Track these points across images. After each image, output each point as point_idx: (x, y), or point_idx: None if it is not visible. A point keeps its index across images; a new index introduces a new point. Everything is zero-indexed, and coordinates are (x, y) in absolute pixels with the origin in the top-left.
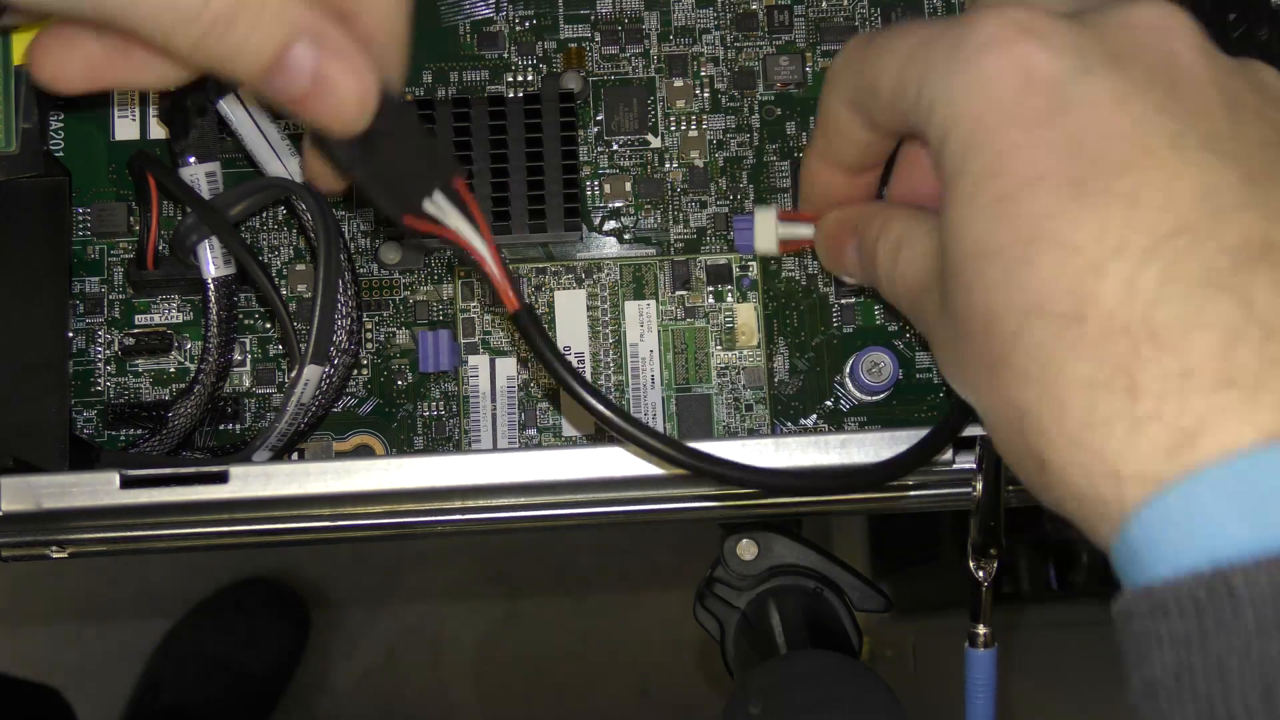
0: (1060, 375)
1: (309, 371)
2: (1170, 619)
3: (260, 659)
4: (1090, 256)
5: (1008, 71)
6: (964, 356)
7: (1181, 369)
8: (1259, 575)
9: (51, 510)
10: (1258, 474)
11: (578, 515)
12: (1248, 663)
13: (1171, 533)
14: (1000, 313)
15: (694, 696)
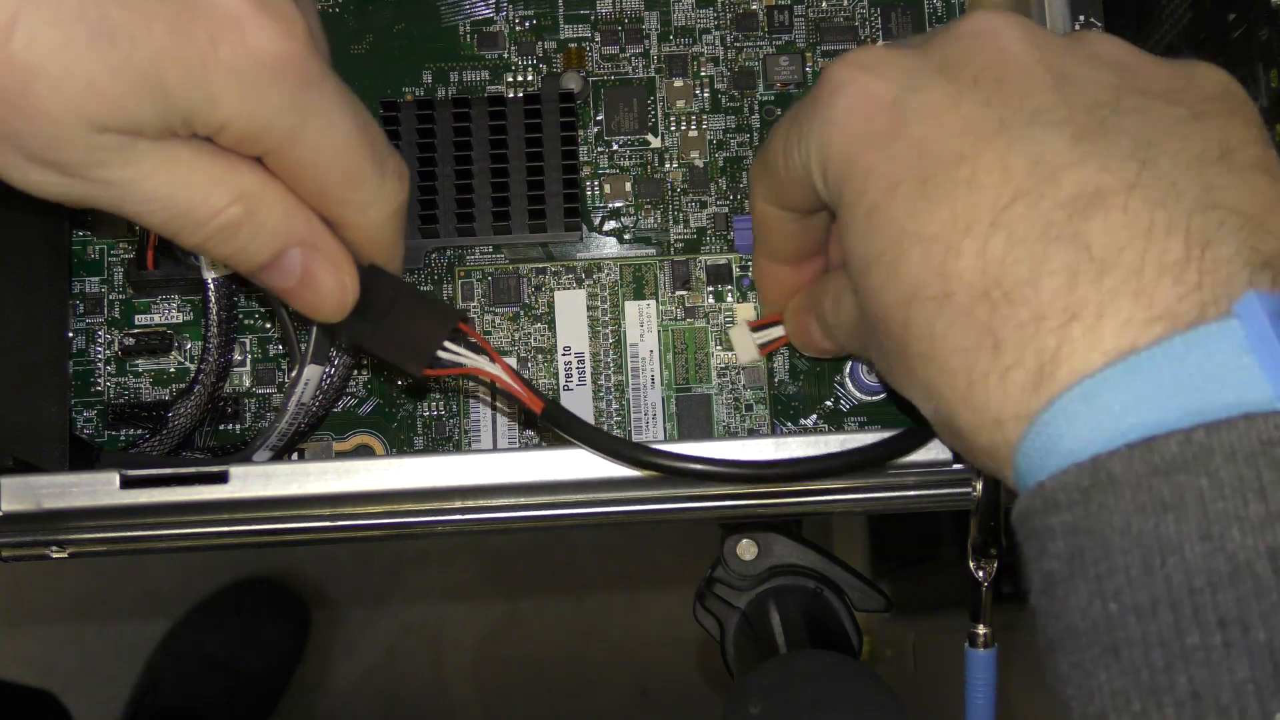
0: (943, 348)
1: (309, 371)
2: (1061, 511)
3: (260, 659)
4: (946, 241)
5: (853, 106)
6: (888, 361)
7: (1033, 316)
8: (1131, 458)
9: (51, 510)
10: (1108, 389)
11: (578, 515)
12: (1128, 538)
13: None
14: (890, 309)
15: (694, 696)
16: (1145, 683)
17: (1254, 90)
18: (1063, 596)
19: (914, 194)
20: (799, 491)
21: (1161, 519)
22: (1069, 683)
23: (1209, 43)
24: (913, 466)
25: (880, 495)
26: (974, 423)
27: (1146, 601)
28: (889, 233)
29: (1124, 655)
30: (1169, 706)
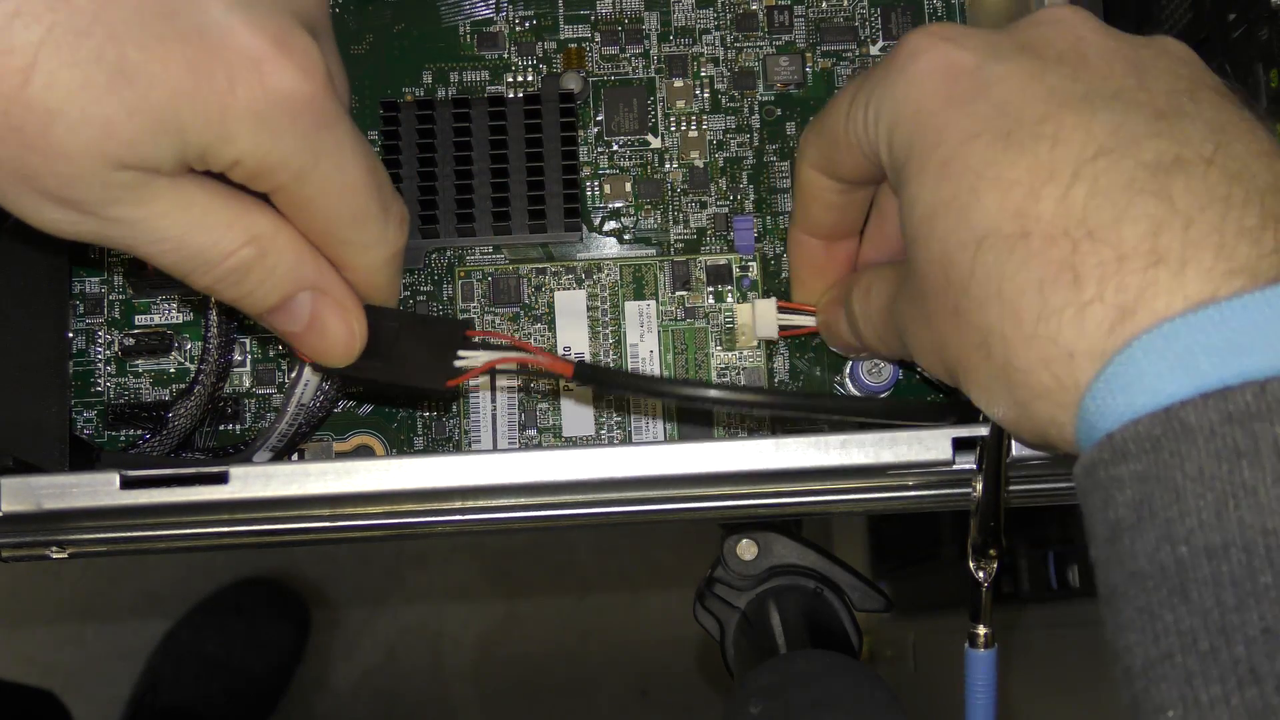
0: (1013, 284)
1: (309, 372)
2: (1130, 460)
3: (260, 659)
4: (1026, 186)
5: (934, 69)
6: (933, 325)
7: (1117, 255)
8: (1206, 407)
9: (51, 510)
10: (1190, 333)
11: (578, 515)
12: (1200, 483)
13: (1122, 394)
14: (955, 252)
15: (694, 696)
16: (1215, 621)
17: (1254, 90)
18: (1129, 543)
19: (995, 144)
20: (799, 491)
21: (1235, 465)
22: (1131, 628)
23: (1209, 43)
24: (913, 466)
25: (880, 495)
26: (1038, 359)
27: (1219, 543)
28: (964, 179)
29: (1193, 596)
30: (1239, 644)
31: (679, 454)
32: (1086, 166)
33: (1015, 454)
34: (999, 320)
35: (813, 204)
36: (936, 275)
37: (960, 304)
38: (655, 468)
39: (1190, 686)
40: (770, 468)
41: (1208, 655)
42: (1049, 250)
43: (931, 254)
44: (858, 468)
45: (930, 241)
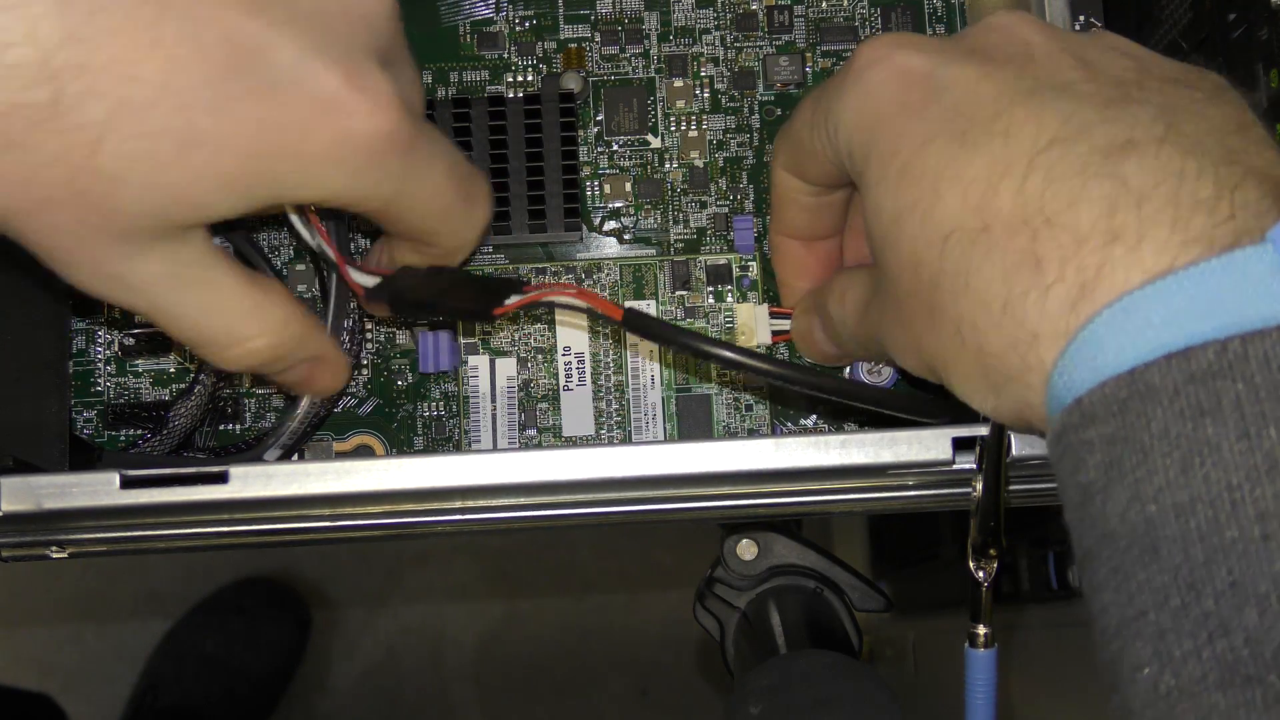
0: (979, 276)
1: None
2: (1098, 423)
3: (260, 659)
4: (984, 182)
5: (888, 78)
6: (910, 325)
7: (1075, 238)
8: (1169, 368)
9: (51, 510)
10: (1149, 303)
11: (578, 515)
12: (1166, 442)
13: (1085, 366)
14: (924, 252)
15: (694, 696)
16: (1185, 577)
17: (1254, 90)
18: (1100, 504)
19: (950, 145)
20: (799, 491)
21: (1199, 422)
22: (1106, 588)
23: (1209, 43)
24: (913, 466)
25: (880, 495)
26: (1007, 343)
27: (1186, 500)
28: (924, 182)
29: (1163, 553)
30: (1208, 598)
31: (679, 454)
32: (1040, 157)
33: (1015, 454)
34: (970, 310)
35: (787, 206)
36: (908, 277)
37: (933, 300)
38: (655, 468)
39: (1163, 642)
40: (770, 468)
41: (1179, 611)
42: (1010, 240)
43: (901, 257)
44: (857, 468)
45: (899, 245)
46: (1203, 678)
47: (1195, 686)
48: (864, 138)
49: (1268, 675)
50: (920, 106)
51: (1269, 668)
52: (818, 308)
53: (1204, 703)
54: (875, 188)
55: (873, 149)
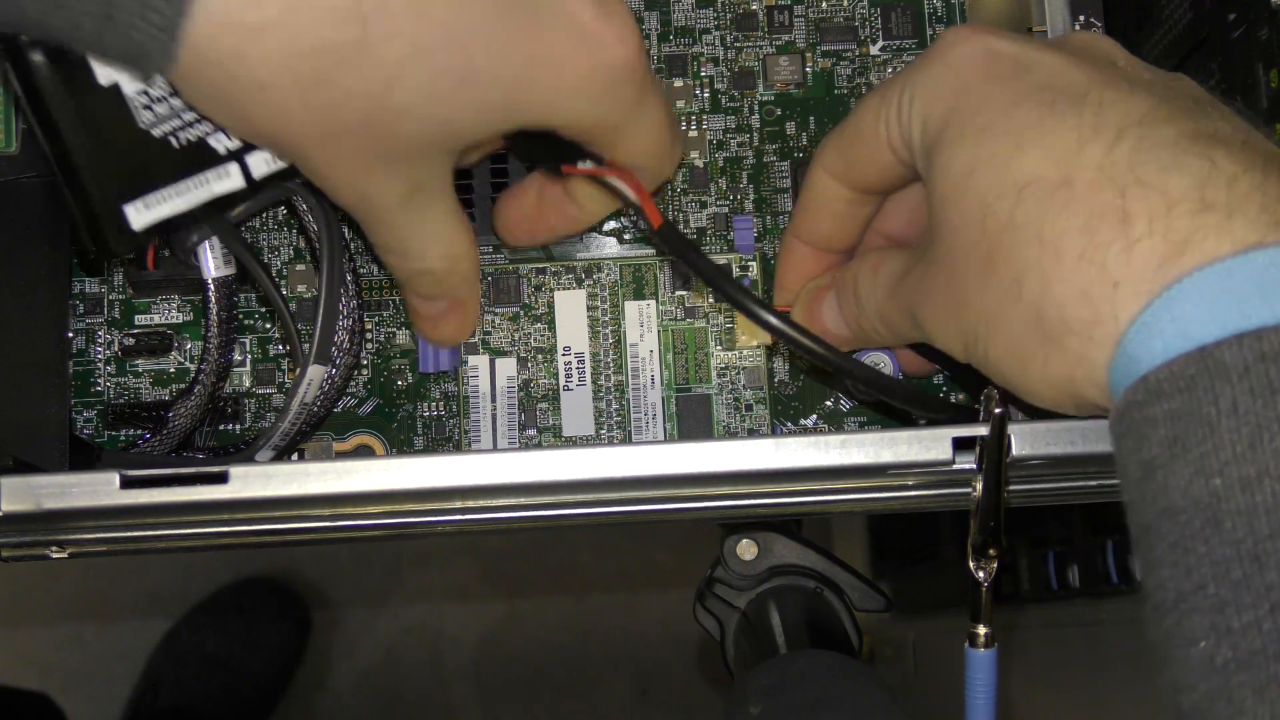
0: (1055, 227)
1: (312, 371)
2: (1165, 399)
3: (260, 659)
4: (1071, 141)
5: (974, 53)
6: (956, 287)
7: (1166, 201)
8: (1241, 346)
9: (51, 510)
10: (1236, 276)
11: (578, 515)
12: (1234, 418)
13: (1163, 332)
14: (995, 203)
15: (694, 696)
16: (1249, 549)
17: (1254, 90)
18: (1162, 479)
19: (1038, 109)
20: (799, 491)
21: (1270, 399)
22: (1164, 564)
23: (1209, 43)
24: (913, 466)
25: (880, 495)
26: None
27: (1253, 474)
28: (1006, 139)
29: (1226, 525)
30: (1272, 570)
31: (679, 454)
32: (1131, 129)
33: (1015, 454)
34: (1038, 259)
35: (818, 211)
36: (971, 230)
37: (993, 252)
38: (655, 468)
39: (1222, 615)
40: (770, 468)
41: (1240, 583)
42: (1095, 195)
43: (967, 210)
44: (857, 467)
45: (966, 198)
46: (1262, 649)
47: (1255, 658)
48: (944, 104)
49: None
50: (1008, 77)
51: None
52: (839, 284)
53: (1263, 673)
54: (951, 145)
55: (953, 112)
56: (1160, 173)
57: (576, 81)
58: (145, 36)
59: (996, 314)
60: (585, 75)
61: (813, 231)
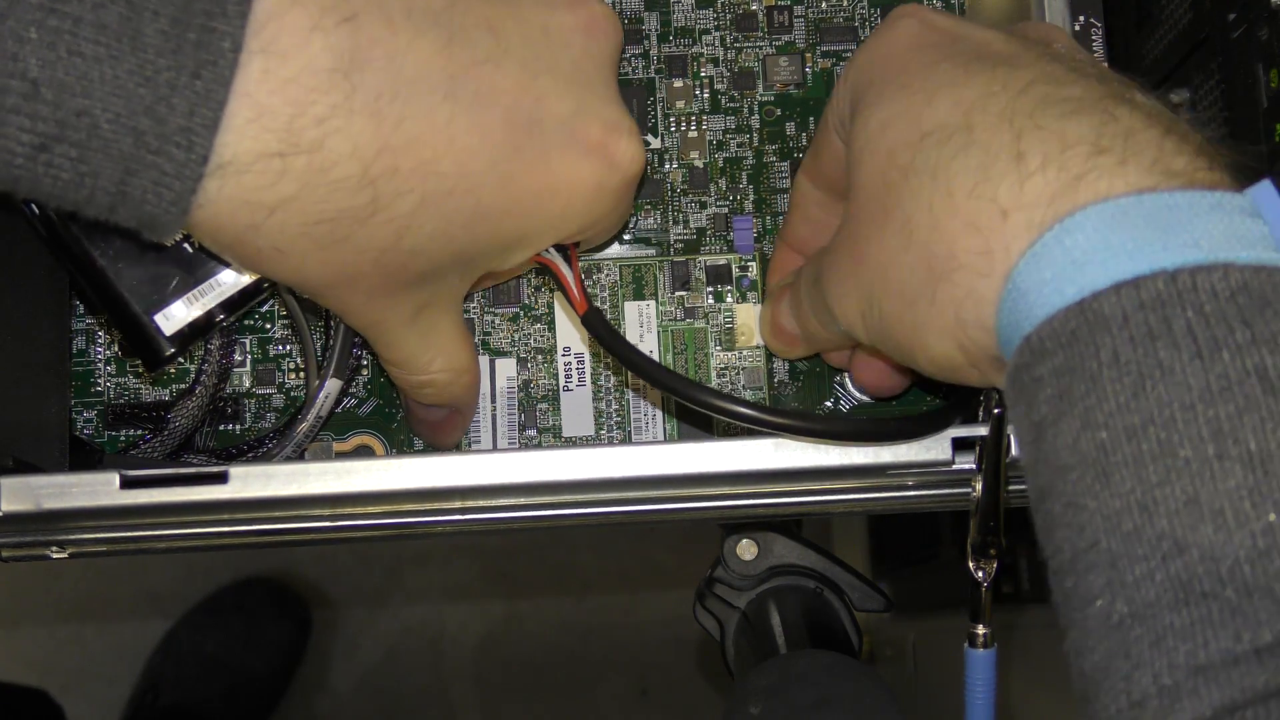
0: (949, 167)
1: (330, 385)
2: (1049, 357)
3: (260, 659)
4: (979, 92)
5: (909, 27)
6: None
7: (1061, 143)
8: (1119, 296)
9: (51, 510)
10: (1130, 214)
11: (578, 515)
12: (1116, 368)
13: (1050, 272)
14: (899, 151)
15: (694, 696)
16: (1138, 499)
17: (1254, 90)
18: (1051, 439)
19: (955, 68)
20: (799, 491)
21: (1150, 347)
22: (1059, 524)
23: (1209, 43)
24: (912, 466)
25: (880, 495)
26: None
27: (1138, 422)
28: (920, 94)
29: (1115, 477)
30: (1162, 518)
31: (679, 454)
32: (1038, 85)
33: (1015, 454)
34: (929, 196)
35: (795, 213)
36: (874, 182)
37: (889, 200)
38: (655, 468)
39: (1115, 569)
40: (770, 468)
41: (1131, 535)
42: (992, 136)
43: (875, 162)
44: (857, 468)
45: (876, 149)
46: (1156, 599)
47: (1149, 610)
48: (873, 70)
49: (1224, 590)
50: (935, 45)
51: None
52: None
53: (1158, 624)
54: (868, 107)
55: (876, 75)
56: (1058, 119)
57: (584, 203)
58: (157, 210)
59: (888, 262)
60: (593, 194)
61: (794, 234)
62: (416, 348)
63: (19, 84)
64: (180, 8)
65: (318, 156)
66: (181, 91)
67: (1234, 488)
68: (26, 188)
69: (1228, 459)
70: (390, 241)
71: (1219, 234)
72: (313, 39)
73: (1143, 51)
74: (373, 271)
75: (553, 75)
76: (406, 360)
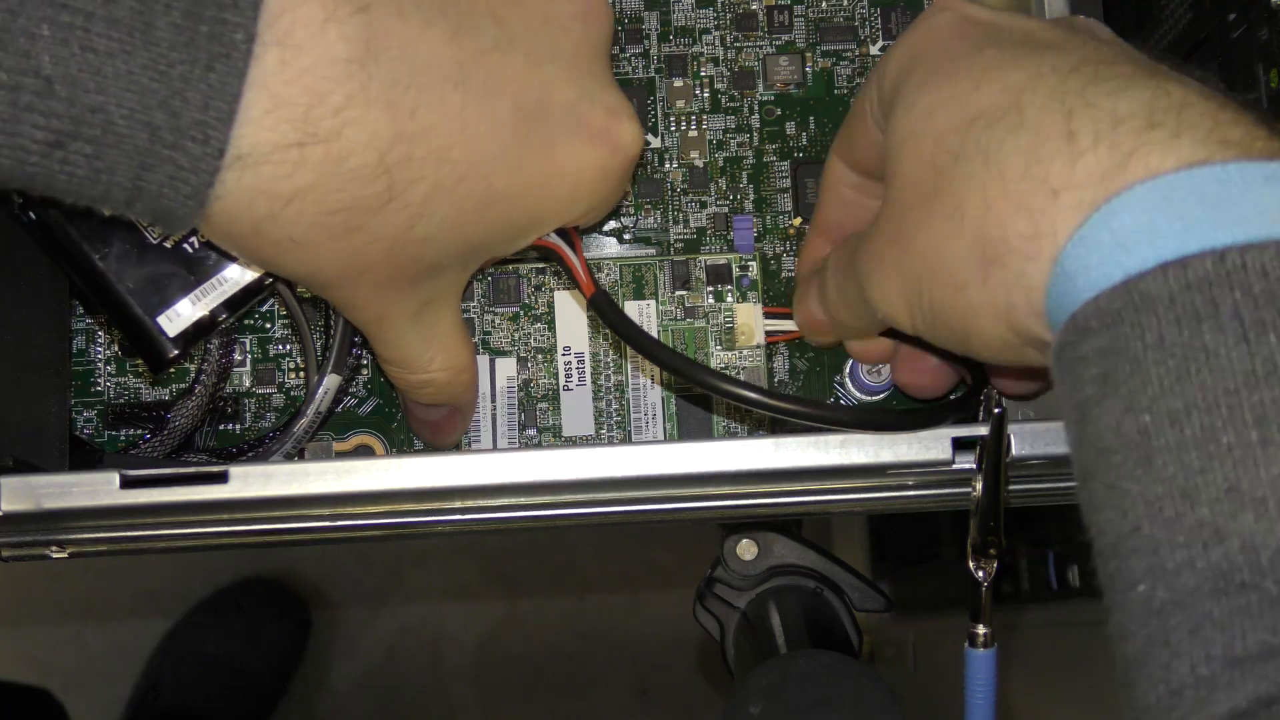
0: (1000, 149)
1: (329, 380)
2: (1094, 336)
3: (260, 659)
4: (1028, 75)
5: (949, 19)
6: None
7: (1113, 119)
8: (1165, 277)
9: (51, 510)
10: (1179, 190)
11: (578, 515)
12: (1160, 350)
13: (1100, 246)
14: (947, 136)
15: (694, 696)
16: (1179, 486)
17: (1254, 90)
18: (1095, 420)
19: (1001, 55)
20: (799, 491)
21: (1195, 330)
22: (1102, 507)
23: (1209, 43)
24: (912, 466)
25: (880, 495)
26: (1017, 205)
27: (1181, 407)
28: (966, 80)
29: (1157, 463)
30: (1203, 505)
31: (679, 454)
32: (1087, 65)
33: (1015, 454)
34: (981, 182)
35: (827, 195)
36: (921, 171)
37: (939, 186)
38: (655, 468)
39: (1157, 555)
40: (770, 468)
41: (1172, 521)
42: (1042, 116)
43: (921, 149)
44: (857, 468)
45: (923, 137)
46: (1196, 588)
47: (1189, 598)
48: (913, 59)
49: (1263, 581)
50: (977, 35)
51: (1264, 573)
52: (820, 270)
53: (1197, 612)
54: (913, 90)
55: (919, 61)
56: (1109, 96)
57: (590, 186)
58: (174, 203)
59: (938, 248)
60: (597, 177)
61: (826, 219)
62: (417, 345)
63: (32, 81)
64: (192, 1)
65: (335, 146)
66: (195, 85)
67: (1276, 475)
68: (42, 184)
69: (1271, 445)
70: (402, 230)
71: (1273, 207)
72: (328, 29)
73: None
74: (384, 261)
75: (556, 63)
76: (406, 359)
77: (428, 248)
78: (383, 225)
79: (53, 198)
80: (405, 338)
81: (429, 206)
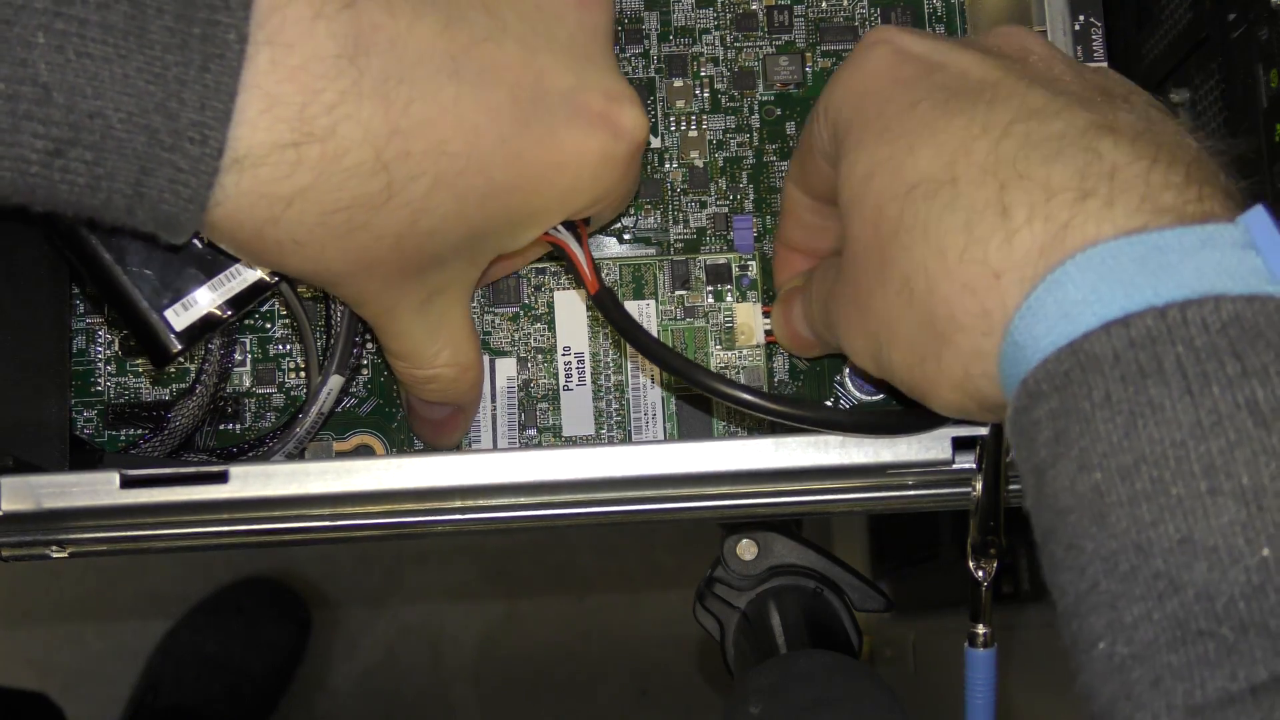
0: (939, 225)
1: (333, 381)
2: (1045, 399)
3: (260, 659)
4: (959, 140)
5: (885, 54)
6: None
7: (1046, 192)
8: (1109, 336)
9: (51, 510)
10: (1120, 258)
11: (578, 515)
12: (1108, 408)
13: (1047, 315)
14: (887, 205)
15: (694, 696)
16: (1133, 539)
17: (1254, 90)
18: (1051, 481)
19: (934, 109)
20: (799, 491)
21: (1140, 385)
22: (1062, 567)
23: (1209, 43)
24: (912, 466)
25: (880, 495)
26: (962, 286)
27: (1130, 461)
28: (901, 140)
29: (1111, 518)
30: (1157, 558)
31: (679, 454)
32: (1018, 125)
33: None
34: (923, 258)
35: (788, 218)
36: (868, 235)
37: (885, 256)
38: (655, 467)
39: (1115, 610)
40: (770, 468)
41: (1128, 575)
42: (976, 191)
43: (865, 214)
44: (857, 467)
45: (864, 202)
46: (1154, 640)
47: (1147, 650)
48: (851, 109)
49: (1219, 628)
50: (912, 80)
51: (1220, 620)
52: (804, 288)
53: (1157, 664)
54: (853, 150)
55: (857, 116)
56: (1042, 164)
57: (592, 174)
58: (175, 209)
59: (893, 318)
60: (600, 165)
61: (789, 237)
62: (424, 338)
63: (30, 89)
64: (183, 3)
65: (330, 144)
66: (191, 86)
67: (1227, 524)
68: (43, 195)
69: (1220, 495)
70: (406, 225)
71: (1210, 270)
72: (317, 26)
73: (1143, 51)
74: (390, 256)
75: (551, 50)
76: (413, 352)
77: (433, 241)
78: (386, 222)
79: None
80: (412, 329)
81: (431, 201)
